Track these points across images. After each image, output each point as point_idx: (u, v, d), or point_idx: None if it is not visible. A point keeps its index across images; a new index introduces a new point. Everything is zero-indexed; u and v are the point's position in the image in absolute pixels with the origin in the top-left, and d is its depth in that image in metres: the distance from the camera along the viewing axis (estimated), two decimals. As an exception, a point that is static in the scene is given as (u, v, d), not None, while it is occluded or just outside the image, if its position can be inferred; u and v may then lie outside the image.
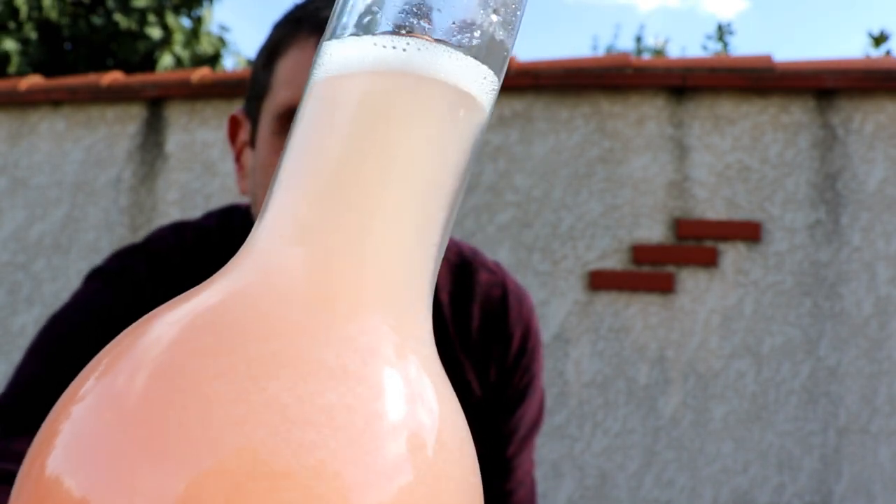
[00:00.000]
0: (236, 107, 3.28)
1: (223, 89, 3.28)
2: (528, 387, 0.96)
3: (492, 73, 0.28)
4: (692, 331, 2.78)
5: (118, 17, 7.05)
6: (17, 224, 3.45)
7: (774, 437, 2.68)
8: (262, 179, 0.75)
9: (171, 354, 0.21)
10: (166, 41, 7.22)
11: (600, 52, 16.18)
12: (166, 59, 7.16)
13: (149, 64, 7.40)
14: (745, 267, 2.77)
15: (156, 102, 3.39)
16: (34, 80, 3.61)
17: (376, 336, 0.23)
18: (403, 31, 0.26)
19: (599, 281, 2.85)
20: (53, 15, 7.09)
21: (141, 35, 7.21)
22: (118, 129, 3.43)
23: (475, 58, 0.27)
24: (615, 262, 2.86)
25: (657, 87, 2.89)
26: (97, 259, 3.33)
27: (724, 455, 2.70)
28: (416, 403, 0.22)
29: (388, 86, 0.26)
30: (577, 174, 2.92)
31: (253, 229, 0.26)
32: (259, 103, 0.78)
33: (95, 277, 0.83)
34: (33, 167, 3.50)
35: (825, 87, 2.76)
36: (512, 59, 3.01)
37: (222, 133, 3.29)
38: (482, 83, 0.27)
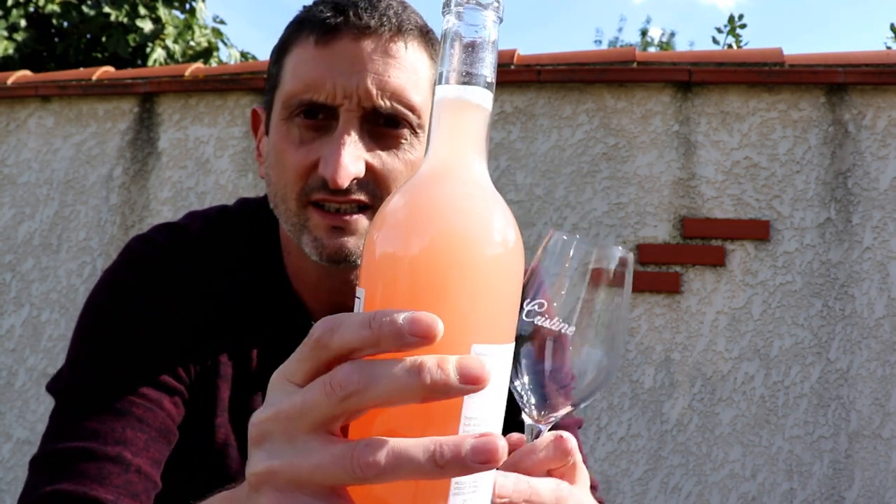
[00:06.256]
0: (230, 102, 3.21)
1: (217, 84, 3.19)
2: None
3: None
4: (699, 333, 2.71)
5: (108, 9, 6.92)
6: (5, 223, 3.37)
7: (784, 442, 2.62)
8: (274, 161, 0.85)
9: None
10: (157, 34, 7.09)
11: (603, 46, 16.11)
12: (157, 53, 7.03)
13: (140, 57, 7.28)
14: (753, 267, 2.70)
15: (147, 98, 3.31)
16: (22, 75, 3.52)
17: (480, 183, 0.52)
18: None
19: (604, 281, 2.77)
20: (41, 2, 6.95)
21: (132, 27, 7.07)
22: (109, 125, 3.35)
23: None
24: (620, 261, 2.78)
25: (663, 82, 2.82)
26: (87, 259, 3.25)
27: (732, 460, 2.64)
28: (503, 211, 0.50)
29: None
30: (580, 172, 2.85)
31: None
32: (272, 95, 0.88)
33: None
34: (21, 164, 3.41)
35: (836, 81, 2.68)
36: (513, 53, 2.93)
37: (216, 129, 3.21)
38: None
